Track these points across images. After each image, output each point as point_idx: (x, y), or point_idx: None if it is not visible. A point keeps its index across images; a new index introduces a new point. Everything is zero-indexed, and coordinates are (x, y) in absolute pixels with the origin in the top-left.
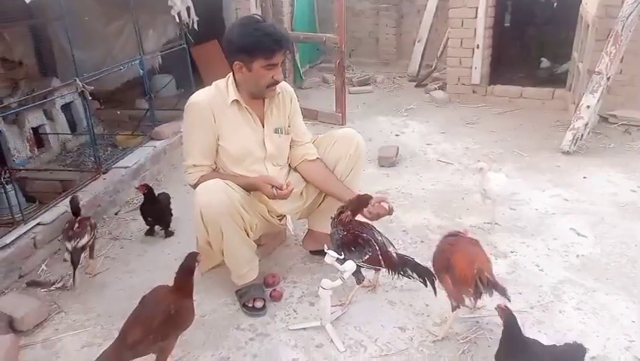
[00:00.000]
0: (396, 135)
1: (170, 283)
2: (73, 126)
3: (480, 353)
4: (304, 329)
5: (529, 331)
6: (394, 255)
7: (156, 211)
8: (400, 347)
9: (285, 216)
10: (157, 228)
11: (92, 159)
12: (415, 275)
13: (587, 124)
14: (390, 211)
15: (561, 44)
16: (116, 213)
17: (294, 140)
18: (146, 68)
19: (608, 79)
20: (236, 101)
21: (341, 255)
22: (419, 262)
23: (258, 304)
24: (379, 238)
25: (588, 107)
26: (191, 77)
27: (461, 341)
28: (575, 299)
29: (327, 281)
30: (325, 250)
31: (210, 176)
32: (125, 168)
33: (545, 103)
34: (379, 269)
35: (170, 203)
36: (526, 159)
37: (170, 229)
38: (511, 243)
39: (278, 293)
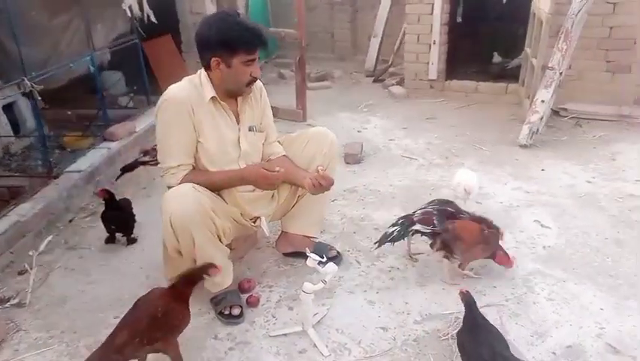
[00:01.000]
0: (359, 131)
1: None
2: (15, 128)
3: None
4: (285, 334)
5: (507, 324)
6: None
7: (118, 218)
8: (384, 348)
9: (258, 218)
10: (118, 235)
11: (40, 162)
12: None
13: (542, 118)
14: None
15: (512, 40)
16: (70, 221)
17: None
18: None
19: (561, 74)
20: (214, 98)
21: (323, 257)
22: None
23: (235, 311)
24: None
25: (543, 101)
26: (144, 74)
27: (443, 338)
28: (547, 290)
29: (309, 285)
30: (307, 254)
31: (196, 175)
32: (79, 171)
33: (499, 97)
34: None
35: (132, 208)
36: (486, 153)
37: (132, 236)
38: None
39: (255, 299)
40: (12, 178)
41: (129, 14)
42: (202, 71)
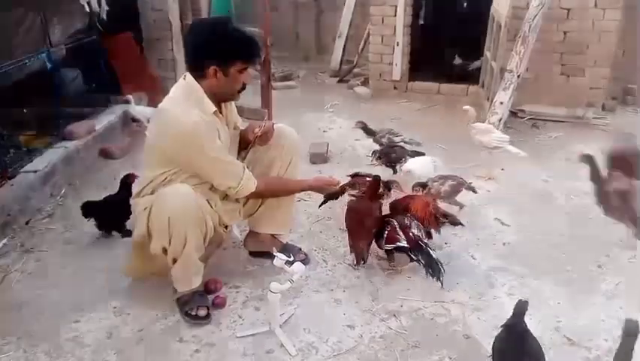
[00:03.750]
0: (324, 131)
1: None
2: None
3: (428, 344)
4: (253, 335)
5: (470, 318)
6: (413, 236)
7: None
8: (351, 345)
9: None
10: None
11: None
12: (422, 263)
13: (500, 119)
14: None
15: (472, 43)
16: (27, 223)
17: None
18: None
19: (519, 77)
20: (215, 111)
21: (290, 257)
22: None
23: (202, 312)
24: (406, 221)
25: (502, 103)
26: (103, 71)
27: (408, 334)
28: (507, 285)
29: (276, 285)
30: (274, 253)
31: (271, 179)
32: (35, 172)
33: (460, 99)
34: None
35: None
36: (449, 153)
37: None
38: (444, 234)
39: (222, 299)
40: None
41: (87, 10)
42: (193, 82)
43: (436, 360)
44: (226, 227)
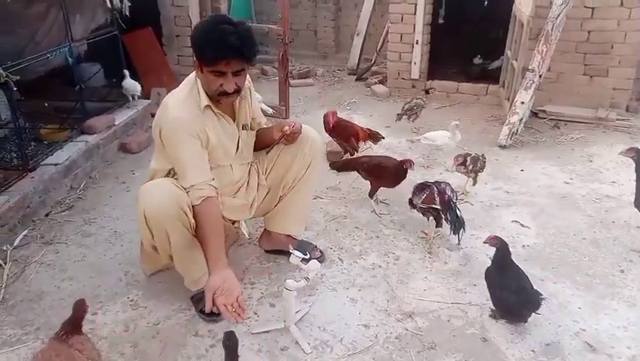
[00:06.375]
0: None
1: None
2: None
3: (444, 346)
4: (267, 331)
5: (487, 321)
6: (446, 198)
7: None
8: (366, 345)
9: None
10: None
11: (14, 155)
12: (448, 219)
13: (521, 119)
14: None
15: (492, 42)
16: (46, 215)
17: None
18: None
19: (540, 76)
20: (207, 106)
21: (306, 254)
22: (460, 215)
23: (215, 309)
24: (442, 185)
25: (522, 103)
26: (124, 67)
27: (424, 335)
28: None
29: (292, 282)
30: (290, 251)
31: (208, 216)
32: (56, 165)
33: (480, 98)
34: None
35: None
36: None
37: None
38: (462, 235)
39: None
40: None
41: (109, 5)
42: (194, 75)
43: None
44: (234, 222)
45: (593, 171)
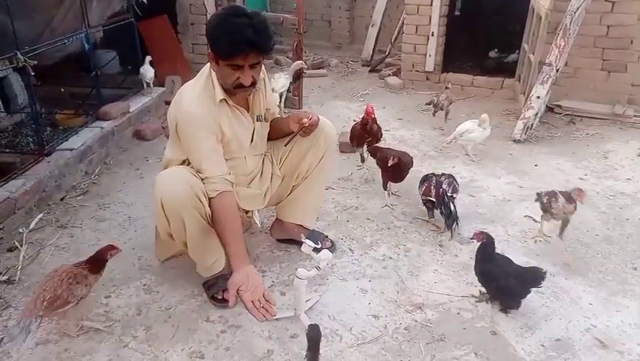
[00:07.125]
0: (354, 120)
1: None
2: (6, 103)
3: (453, 338)
4: (277, 319)
5: (497, 315)
6: (441, 193)
7: None
8: (375, 335)
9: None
10: None
11: (31, 139)
12: (442, 213)
13: (536, 114)
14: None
15: (509, 35)
16: (62, 199)
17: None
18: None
19: (557, 71)
20: (223, 100)
21: (317, 244)
22: (453, 210)
23: (228, 295)
24: (441, 179)
25: (538, 97)
26: (139, 54)
27: (434, 327)
28: None
29: (303, 271)
30: (302, 240)
31: (225, 212)
32: (71, 150)
33: (495, 92)
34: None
35: None
36: (480, 146)
37: None
38: (473, 229)
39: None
40: (2, 154)
41: None
42: (208, 67)
43: (461, 355)
44: (247, 212)
45: (608, 167)
